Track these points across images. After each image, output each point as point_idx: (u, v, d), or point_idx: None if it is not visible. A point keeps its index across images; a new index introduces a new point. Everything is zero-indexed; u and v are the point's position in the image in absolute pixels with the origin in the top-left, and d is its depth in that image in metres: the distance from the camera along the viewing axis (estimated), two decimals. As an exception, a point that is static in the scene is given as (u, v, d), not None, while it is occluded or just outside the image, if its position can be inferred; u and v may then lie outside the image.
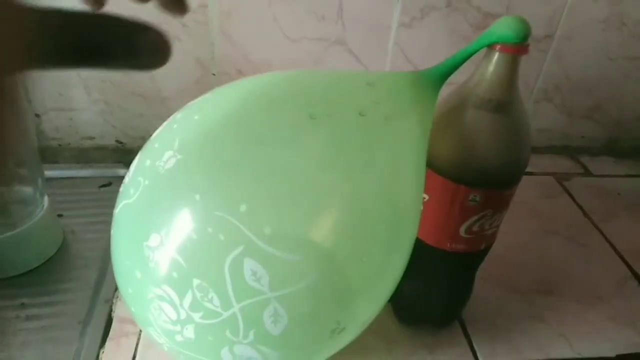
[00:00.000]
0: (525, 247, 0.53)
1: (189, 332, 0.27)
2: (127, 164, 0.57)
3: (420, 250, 0.32)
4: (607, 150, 0.70)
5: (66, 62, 0.16)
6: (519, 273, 0.49)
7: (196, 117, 0.29)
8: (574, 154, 0.70)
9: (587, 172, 0.67)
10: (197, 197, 0.26)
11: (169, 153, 0.28)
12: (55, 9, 0.15)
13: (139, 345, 0.39)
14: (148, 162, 0.29)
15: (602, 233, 0.56)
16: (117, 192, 0.31)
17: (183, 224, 0.26)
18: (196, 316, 0.26)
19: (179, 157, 0.27)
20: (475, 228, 0.34)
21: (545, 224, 0.56)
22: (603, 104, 0.66)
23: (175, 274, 0.26)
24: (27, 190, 0.44)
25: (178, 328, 0.27)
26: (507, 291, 0.47)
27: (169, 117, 0.31)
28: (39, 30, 0.15)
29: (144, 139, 0.60)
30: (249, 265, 0.25)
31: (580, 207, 0.59)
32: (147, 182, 0.28)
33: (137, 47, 0.17)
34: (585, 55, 0.61)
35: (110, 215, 0.30)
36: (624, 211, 0.60)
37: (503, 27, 0.29)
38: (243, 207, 0.25)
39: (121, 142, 0.60)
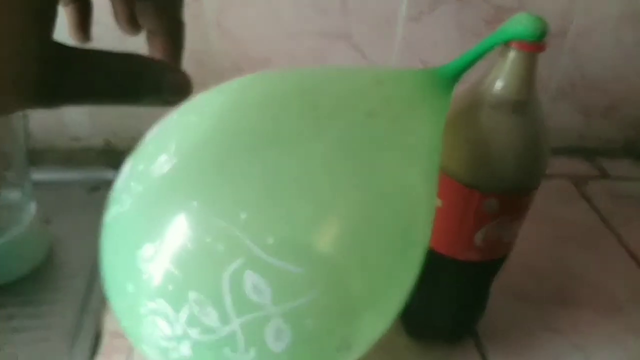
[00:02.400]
0: (540, 253, 0.51)
1: (185, 348, 0.25)
2: (116, 167, 0.55)
3: (431, 259, 0.30)
4: (625, 152, 0.68)
5: (96, 99, 0.17)
6: (534, 281, 0.48)
7: (193, 119, 0.28)
8: (590, 156, 0.67)
9: (604, 175, 0.65)
10: (195, 204, 0.24)
11: (163, 157, 0.26)
12: (93, 49, 0.16)
13: (132, 360, 0.37)
14: (141, 167, 0.27)
15: (620, 239, 0.54)
16: (106, 196, 0.29)
17: (179, 233, 0.24)
18: (193, 332, 0.25)
19: (174, 161, 0.26)
20: (491, 236, 0.32)
21: (561, 229, 0.54)
22: (620, 103, 0.64)
23: (170, 287, 0.24)
24: (14, 195, 0.42)
25: (173, 344, 0.26)
26: (522, 301, 0.45)
27: (160, 116, 0.30)
28: (73, 67, 0.16)
29: (134, 139, 0.58)
30: (250, 277, 0.23)
31: (598, 212, 0.57)
32: (140, 188, 0.26)
33: (165, 87, 0.19)
34: (601, 53, 0.59)
35: (99, 221, 0.29)
36: (644, 216, 0.58)
37: (519, 24, 0.28)
38: (244, 215, 0.24)
39: (110, 143, 0.58)
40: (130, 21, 0.25)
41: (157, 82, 0.19)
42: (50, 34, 0.16)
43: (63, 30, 0.25)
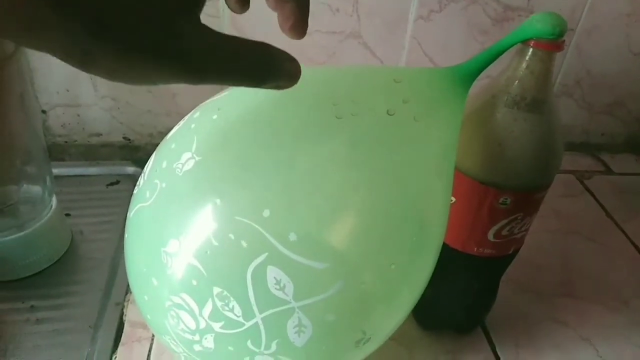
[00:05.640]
0: (546, 248, 0.51)
1: (209, 342, 0.26)
2: (135, 162, 0.57)
3: (445, 254, 0.31)
4: (628, 148, 0.69)
5: (229, 79, 0.19)
6: (541, 275, 0.48)
7: (215, 117, 0.28)
8: (593, 151, 0.68)
9: (608, 170, 0.65)
10: (218, 201, 0.25)
11: (187, 154, 0.27)
12: (235, 36, 0.19)
13: (152, 351, 0.38)
14: (165, 164, 0.28)
15: (624, 233, 0.54)
16: (125, 190, 0.30)
17: (203, 230, 0.25)
18: (216, 326, 0.25)
19: (197, 158, 0.26)
20: (504, 232, 0.33)
21: (566, 223, 0.55)
22: (624, 99, 0.64)
23: (194, 282, 0.25)
24: (36, 189, 0.43)
25: (197, 337, 0.26)
26: (529, 294, 0.46)
27: (178, 113, 0.30)
28: (219, 49, 0.18)
29: (151, 135, 0.59)
30: (273, 273, 0.24)
31: (602, 206, 0.58)
32: (164, 185, 0.27)
33: (284, 74, 0.21)
34: (607, 50, 0.60)
35: (119, 214, 0.29)
36: (647, 211, 0.58)
37: (538, 23, 0.28)
38: (266, 212, 0.24)
39: (129, 139, 0.58)
40: (239, 1, 0.27)
41: (279, 68, 0.20)
42: (198, 18, 0.18)
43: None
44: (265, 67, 0.20)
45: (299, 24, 0.24)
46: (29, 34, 0.15)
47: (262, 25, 0.53)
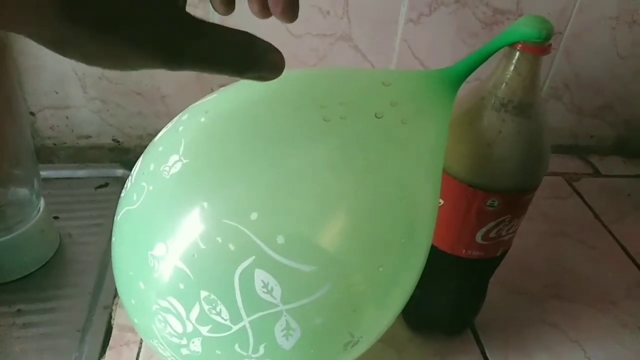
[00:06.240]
0: (535, 249, 0.52)
1: (196, 345, 0.26)
2: (124, 164, 0.57)
3: (433, 256, 0.31)
4: (616, 150, 0.69)
5: (211, 67, 0.19)
6: (530, 277, 0.48)
7: (202, 120, 0.28)
8: (582, 154, 0.69)
9: (596, 173, 0.66)
10: (205, 204, 0.25)
11: (174, 157, 0.27)
12: (217, 24, 0.19)
13: (141, 355, 0.38)
14: (152, 167, 0.27)
15: (613, 235, 0.55)
16: (114, 193, 0.29)
17: (190, 233, 0.25)
18: (204, 329, 0.25)
19: (185, 161, 0.26)
20: (492, 234, 0.33)
21: (555, 225, 0.55)
22: (613, 102, 0.65)
23: (181, 286, 0.25)
24: (23, 191, 0.42)
25: (184, 341, 0.26)
26: (518, 296, 0.46)
27: (168, 115, 0.30)
28: (202, 36, 0.18)
29: (141, 137, 0.59)
30: (260, 276, 0.24)
31: (591, 208, 0.58)
32: (151, 188, 0.27)
33: (266, 64, 0.20)
34: (596, 53, 0.60)
35: (107, 217, 0.29)
36: (635, 212, 0.59)
37: (525, 26, 0.28)
38: (254, 215, 0.24)
39: (118, 141, 0.58)
40: (224, 2, 0.28)
41: (262, 58, 0.20)
42: (184, 7, 0.18)
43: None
44: (247, 56, 0.19)
45: (289, 7, 0.24)
46: (5, 18, 0.14)
47: (251, 27, 0.54)
